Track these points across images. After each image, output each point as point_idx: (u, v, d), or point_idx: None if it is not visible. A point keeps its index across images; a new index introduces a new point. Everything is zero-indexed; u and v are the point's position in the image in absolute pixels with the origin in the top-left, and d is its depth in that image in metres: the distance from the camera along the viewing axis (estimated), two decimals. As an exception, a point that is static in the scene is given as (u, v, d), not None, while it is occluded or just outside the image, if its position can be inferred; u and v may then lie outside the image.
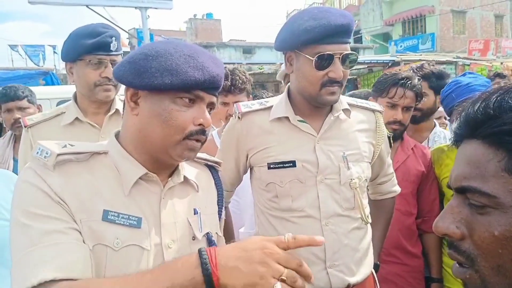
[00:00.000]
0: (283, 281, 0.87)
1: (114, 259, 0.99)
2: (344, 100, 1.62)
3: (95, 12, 11.42)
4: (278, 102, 1.59)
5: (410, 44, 21.22)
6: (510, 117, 0.59)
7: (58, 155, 0.99)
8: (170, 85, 1.00)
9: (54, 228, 0.94)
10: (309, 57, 1.44)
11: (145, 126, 1.05)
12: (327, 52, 1.42)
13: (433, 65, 2.69)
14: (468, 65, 13.29)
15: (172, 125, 1.03)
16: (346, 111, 1.59)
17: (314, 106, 1.54)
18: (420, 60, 12.21)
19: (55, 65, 18.81)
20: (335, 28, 1.40)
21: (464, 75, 2.34)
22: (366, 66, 12.86)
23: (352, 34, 1.50)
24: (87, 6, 11.52)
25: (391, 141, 1.77)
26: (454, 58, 13.80)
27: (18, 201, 0.97)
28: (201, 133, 1.06)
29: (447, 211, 0.66)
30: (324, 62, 1.43)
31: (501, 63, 13.65)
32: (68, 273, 0.90)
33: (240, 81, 2.23)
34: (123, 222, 1.02)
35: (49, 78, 8.42)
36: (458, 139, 0.67)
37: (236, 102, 2.13)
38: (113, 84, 1.88)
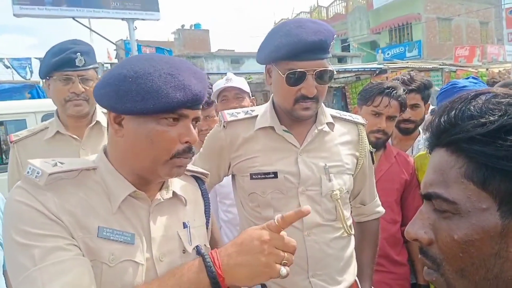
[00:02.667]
0: (285, 264, 0.92)
1: (110, 275, 1.00)
2: (328, 113, 1.62)
3: (82, 24, 11.42)
4: (263, 112, 1.60)
5: (397, 51, 21.46)
6: (468, 125, 0.60)
7: (50, 174, 0.98)
8: (152, 109, 0.98)
9: (55, 246, 0.93)
10: (281, 74, 1.44)
11: (131, 147, 1.05)
12: (299, 69, 1.41)
13: (415, 74, 2.72)
14: (455, 71, 13.44)
15: (158, 146, 1.02)
16: (329, 124, 1.59)
17: (295, 119, 1.54)
18: (407, 67, 12.35)
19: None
20: (306, 45, 1.38)
21: (467, 79, 2.35)
22: (354, 74, 12.94)
23: (330, 49, 1.48)
24: (73, 18, 11.51)
25: (373, 156, 1.76)
26: (440, 65, 13.94)
27: (12, 222, 0.96)
28: (188, 151, 1.06)
29: (417, 217, 0.68)
30: (295, 79, 1.43)
31: (487, 69, 13.85)
32: None
33: (208, 95, 2.27)
34: (118, 238, 1.02)
35: (35, 91, 8.39)
36: (429, 147, 0.69)
37: (206, 116, 2.16)
38: (84, 99, 1.93)
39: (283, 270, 0.92)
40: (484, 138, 0.58)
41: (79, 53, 1.89)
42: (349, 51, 22.95)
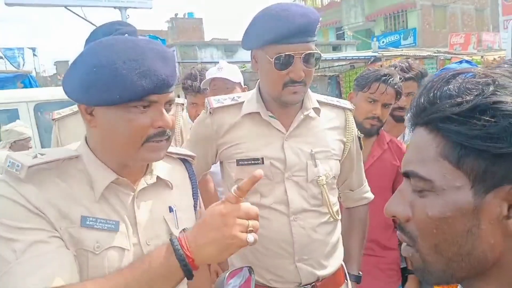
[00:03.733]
0: (251, 231, 0.93)
1: (96, 262, 1.01)
2: (314, 98, 1.62)
3: (74, 13, 11.31)
4: (250, 98, 1.59)
5: (392, 39, 21.41)
6: (445, 104, 0.61)
7: (29, 167, 0.98)
8: (119, 99, 0.97)
9: (36, 239, 0.94)
10: (269, 58, 1.43)
11: (106, 136, 1.05)
12: (287, 53, 1.41)
13: (413, 62, 2.72)
14: (449, 59, 13.41)
15: (130, 133, 1.02)
16: (316, 109, 1.59)
17: (281, 104, 1.54)
18: (401, 55, 12.32)
19: (35, 68, 18.55)
20: (294, 28, 1.38)
21: (460, 62, 2.35)
22: (348, 63, 12.92)
23: (316, 32, 1.48)
24: (65, 7, 11.41)
25: (361, 142, 1.76)
26: (434, 52, 13.92)
27: None
28: (161, 134, 1.05)
29: (396, 195, 0.69)
30: (284, 62, 1.42)
31: (482, 57, 13.84)
32: (56, 282, 0.91)
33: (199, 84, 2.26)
34: (101, 226, 1.03)
35: (28, 81, 8.36)
36: (411, 126, 0.70)
37: (195, 103, 2.15)
38: None
39: (250, 237, 0.93)
40: (459, 118, 0.59)
41: (126, 34, 1.89)
42: (344, 39, 22.87)
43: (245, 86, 2.69)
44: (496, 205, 0.58)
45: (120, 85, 0.96)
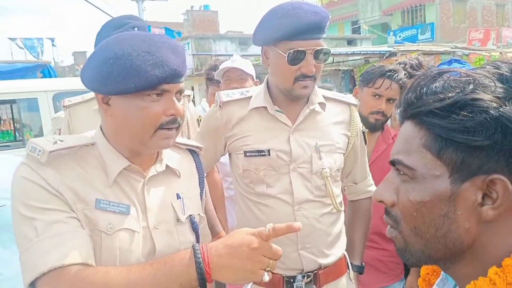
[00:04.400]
0: (268, 270, 0.99)
1: (109, 242, 1.09)
2: (320, 93, 1.68)
3: (92, 4, 11.45)
4: (257, 93, 1.67)
5: (409, 34, 21.18)
6: (429, 99, 0.67)
7: (50, 152, 1.06)
8: (134, 88, 1.05)
9: (55, 219, 1.03)
10: (282, 53, 1.50)
11: (121, 125, 1.12)
12: (299, 48, 1.48)
13: (422, 59, 2.74)
14: (467, 55, 13.24)
15: (144, 121, 1.10)
16: (321, 104, 1.66)
17: (290, 99, 1.61)
18: (417, 50, 12.20)
19: (53, 58, 18.83)
20: (306, 25, 1.46)
21: (450, 62, 2.38)
22: (363, 57, 12.85)
23: (326, 29, 1.55)
24: (84, -1, 11.53)
25: (365, 137, 1.82)
26: (452, 48, 13.75)
27: (17, 195, 1.05)
28: (172, 122, 1.12)
29: (384, 182, 0.75)
30: (296, 57, 1.50)
31: (500, 53, 13.61)
32: (74, 259, 0.99)
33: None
34: (114, 209, 1.11)
35: (47, 71, 8.52)
36: (400, 120, 0.76)
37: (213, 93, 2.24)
38: None
39: (266, 277, 1.00)
40: (440, 112, 0.65)
41: (136, 28, 1.93)
42: (360, 33, 22.68)
43: (257, 80, 2.77)
44: (472, 193, 0.64)
45: (135, 75, 1.03)
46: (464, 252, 0.68)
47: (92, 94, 2.07)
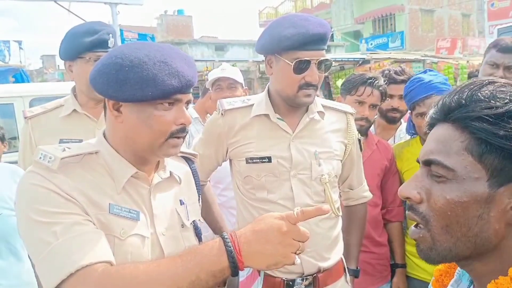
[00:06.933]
0: (299, 253, 1.01)
1: (121, 247, 1.10)
2: (319, 102, 1.75)
3: (63, 7, 11.19)
4: (259, 101, 1.72)
5: (380, 42, 21.65)
6: (477, 107, 0.72)
7: (62, 159, 1.06)
8: (151, 96, 1.07)
9: (74, 221, 1.02)
10: (288, 62, 1.56)
11: (131, 132, 1.14)
12: (305, 58, 1.55)
13: (400, 67, 2.86)
14: (436, 63, 13.65)
15: (156, 129, 1.12)
16: (320, 113, 1.72)
17: (291, 107, 1.67)
18: (389, 58, 12.52)
19: (20, 61, 18.29)
20: (312, 36, 1.52)
21: (425, 72, 2.49)
22: (338, 64, 13.07)
23: (327, 41, 1.62)
24: (54, 1, 11.27)
25: (361, 144, 1.89)
26: (422, 56, 14.16)
27: (29, 204, 1.03)
28: (182, 131, 1.16)
29: (412, 179, 0.79)
30: (301, 67, 1.56)
31: (467, 61, 14.09)
32: (100, 257, 0.99)
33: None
34: (126, 214, 1.12)
35: (19, 75, 8.30)
36: (433, 122, 0.80)
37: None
38: None
39: (298, 259, 1.01)
40: (490, 119, 0.70)
41: (110, 34, 1.90)
42: (333, 41, 23.07)
43: (246, 88, 2.82)
44: (506, 197, 0.70)
45: (152, 83, 1.06)
46: (489, 251, 0.73)
47: (54, 103, 2.03)
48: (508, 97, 0.71)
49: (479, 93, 0.73)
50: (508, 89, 0.72)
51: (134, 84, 1.06)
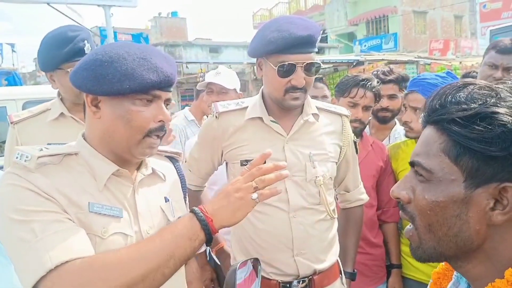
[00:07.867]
0: (256, 188, 1.07)
1: (102, 246, 1.08)
2: (314, 104, 1.74)
3: (57, 10, 11.15)
4: (253, 104, 1.71)
5: (373, 43, 21.73)
6: (452, 109, 0.72)
7: (39, 157, 1.05)
8: (129, 89, 1.08)
9: (52, 219, 1.01)
10: (273, 66, 1.55)
11: (109, 128, 1.13)
12: (289, 62, 1.53)
13: (394, 67, 2.87)
14: (429, 64, 13.73)
15: (134, 125, 1.12)
16: (315, 115, 1.71)
17: (283, 109, 1.66)
18: (383, 59, 12.56)
19: (13, 64, 18.20)
20: (296, 39, 1.50)
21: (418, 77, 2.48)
22: (332, 66, 13.12)
23: (316, 44, 1.60)
24: (48, 4, 11.23)
25: (357, 146, 1.88)
26: (415, 57, 14.23)
27: (6, 202, 1.02)
28: (160, 129, 1.16)
29: (402, 180, 0.81)
30: (286, 70, 1.55)
31: (460, 63, 14.18)
32: (80, 253, 0.98)
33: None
34: (107, 212, 1.11)
35: (12, 78, 8.25)
36: (423, 124, 0.81)
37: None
38: None
39: (254, 195, 1.08)
40: (462, 121, 0.70)
41: (85, 40, 1.86)
42: (327, 43, 23.13)
43: (240, 92, 2.84)
44: (484, 198, 0.70)
45: (130, 77, 1.07)
46: (475, 251, 0.74)
47: (41, 107, 2.01)
48: (482, 99, 0.71)
49: (456, 95, 0.73)
50: (485, 91, 0.72)
51: (112, 78, 1.07)
